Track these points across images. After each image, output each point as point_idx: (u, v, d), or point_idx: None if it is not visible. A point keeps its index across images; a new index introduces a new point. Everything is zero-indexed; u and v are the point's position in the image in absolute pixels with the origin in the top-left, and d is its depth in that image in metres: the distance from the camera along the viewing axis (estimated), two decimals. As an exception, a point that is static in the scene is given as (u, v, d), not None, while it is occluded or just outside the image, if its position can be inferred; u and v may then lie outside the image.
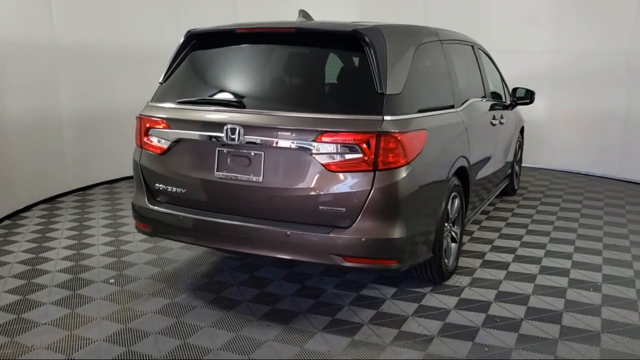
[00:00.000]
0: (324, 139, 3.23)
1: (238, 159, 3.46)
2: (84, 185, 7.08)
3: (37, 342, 3.29)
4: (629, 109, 7.39)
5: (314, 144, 3.24)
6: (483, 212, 5.93)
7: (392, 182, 3.21)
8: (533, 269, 4.43)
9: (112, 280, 4.16)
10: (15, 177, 5.91)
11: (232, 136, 3.39)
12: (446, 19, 7.03)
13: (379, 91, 3.28)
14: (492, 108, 5.25)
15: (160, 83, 3.92)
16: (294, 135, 3.29)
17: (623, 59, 7.31)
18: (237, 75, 3.76)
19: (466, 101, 4.50)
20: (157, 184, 3.76)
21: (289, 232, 3.31)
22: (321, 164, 3.25)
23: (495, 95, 5.56)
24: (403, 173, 3.24)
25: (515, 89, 6.20)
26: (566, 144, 8.18)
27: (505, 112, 5.72)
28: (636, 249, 4.91)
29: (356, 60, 3.47)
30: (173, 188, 3.69)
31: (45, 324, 3.51)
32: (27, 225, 5.53)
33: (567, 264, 4.55)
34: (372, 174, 3.20)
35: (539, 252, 4.81)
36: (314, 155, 3.25)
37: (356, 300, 3.86)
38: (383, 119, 3.21)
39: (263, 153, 3.38)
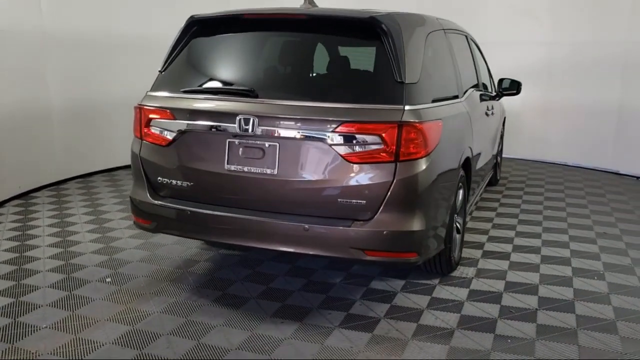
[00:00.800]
0: (343, 129, 3.12)
1: (250, 150, 3.31)
2: (78, 174, 6.96)
3: (40, 347, 3.08)
4: (623, 101, 7.43)
5: (333, 134, 3.13)
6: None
7: (414, 173, 3.13)
8: (534, 258, 4.46)
9: (108, 279, 3.96)
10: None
11: (246, 127, 3.24)
12: (440, 9, 6.99)
13: (398, 80, 3.20)
14: (482, 99, 5.24)
15: (159, 71, 3.73)
16: (312, 125, 3.17)
17: (618, 52, 7.34)
18: (247, 64, 3.60)
19: (466, 91, 4.48)
20: (160, 178, 3.58)
21: (306, 226, 3.20)
22: (340, 155, 3.14)
23: (483, 86, 5.57)
24: (423, 164, 3.17)
25: (501, 80, 6.22)
26: (560, 136, 8.22)
27: (493, 103, 5.73)
28: (627, 237, 5.01)
29: (372, 48, 3.36)
30: (178, 181, 3.51)
31: (46, 327, 3.30)
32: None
33: (565, 252, 4.59)
34: (393, 165, 3.12)
35: (536, 242, 4.84)
36: (333, 146, 3.15)
37: (367, 294, 3.79)
38: (404, 109, 3.13)
39: (278, 144, 3.25)
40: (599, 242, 4.85)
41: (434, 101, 3.52)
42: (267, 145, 3.27)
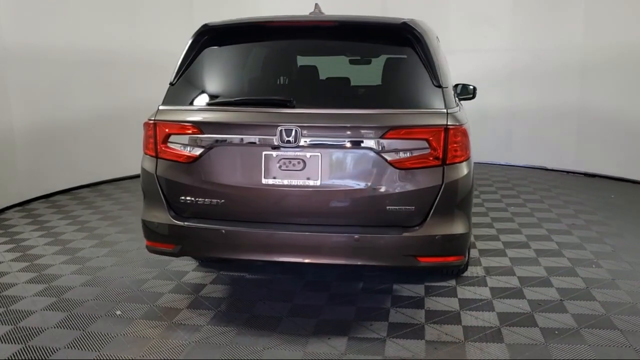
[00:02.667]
0: (391, 135, 3.08)
1: (290, 162, 3.18)
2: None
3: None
4: (583, 104, 7.81)
5: (381, 140, 3.09)
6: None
7: (460, 176, 3.16)
8: (529, 252, 4.66)
9: (118, 312, 3.61)
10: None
11: (288, 138, 3.11)
12: (405, 14, 7.11)
13: (436, 85, 3.22)
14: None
15: (170, 84, 3.48)
16: (358, 133, 3.11)
17: (576, 56, 7.75)
18: (273, 73, 3.46)
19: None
20: (183, 197, 3.33)
21: (357, 236, 3.12)
22: (388, 162, 3.10)
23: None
24: (465, 167, 3.21)
25: (456, 85, 6.45)
26: (523, 139, 8.50)
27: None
28: (595, 226, 5.38)
29: (403, 53, 3.35)
30: (207, 199, 3.29)
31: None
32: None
33: (552, 245, 4.85)
34: (441, 169, 3.13)
35: (520, 237, 5.06)
36: (380, 153, 3.10)
37: (395, 301, 3.76)
38: (447, 112, 3.15)
39: (320, 154, 3.14)
40: (575, 233, 5.16)
41: (456, 105, 3.58)
42: (308, 155, 3.16)
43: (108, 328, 3.40)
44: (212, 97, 3.39)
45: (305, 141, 3.12)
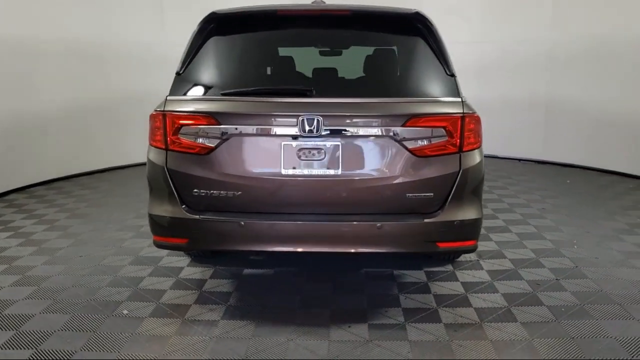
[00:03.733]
0: (412, 123, 3.13)
1: (309, 152, 3.16)
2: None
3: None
4: (550, 95, 8.12)
5: (402, 129, 3.13)
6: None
7: (475, 162, 3.25)
8: (511, 236, 4.86)
9: (125, 311, 3.48)
10: None
11: (310, 127, 3.09)
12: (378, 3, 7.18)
13: (449, 74, 3.29)
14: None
15: (177, 73, 3.37)
16: (380, 121, 3.13)
17: (544, 48, 8.03)
18: (287, 62, 3.41)
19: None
20: (197, 189, 3.24)
21: (379, 224, 3.15)
22: (408, 150, 3.15)
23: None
24: (479, 154, 3.30)
25: None
26: (493, 131, 8.77)
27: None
28: (564, 209, 5.68)
29: (414, 43, 3.38)
30: (222, 192, 3.21)
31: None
32: None
33: (530, 228, 5.08)
34: (458, 155, 3.20)
35: (498, 222, 5.27)
36: (401, 141, 3.14)
37: (402, 287, 3.83)
38: (462, 101, 3.23)
39: (340, 143, 3.15)
40: (548, 217, 5.43)
41: (460, 94, 3.66)
42: (328, 145, 3.15)
43: (120, 328, 3.26)
44: (224, 86, 3.30)
45: (326, 130, 3.11)
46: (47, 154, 7.13)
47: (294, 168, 3.16)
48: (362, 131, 3.14)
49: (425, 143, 3.16)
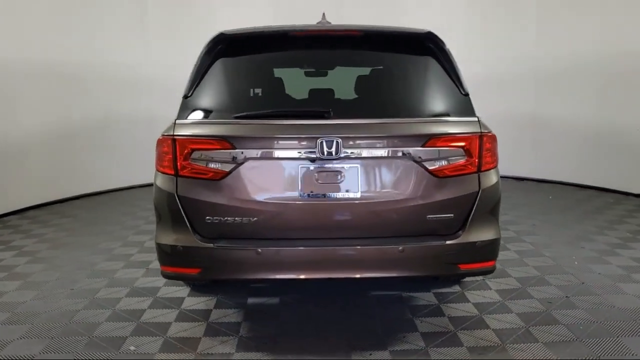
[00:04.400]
0: (432, 143, 3.08)
1: (327, 175, 3.07)
2: None
3: None
4: (537, 112, 8.21)
5: (422, 149, 3.08)
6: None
7: (493, 182, 3.22)
8: (511, 254, 4.89)
9: (132, 347, 3.28)
10: None
11: (329, 150, 3.00)
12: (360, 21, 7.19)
13: (463, 93, 3.27)
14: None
15: (185, 97, 3.24)
16: (400, 142, 3.07)
17: (529, 65, 8.12)
18: (300, 83, 3.33)
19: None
20: (210, 216, 3.10)
21: (401, 248, 3.07)
22: (428, 170, 3.10)
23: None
24: (496, 173, 3.28)
25: None
26: None
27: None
28: (555, 225, 5.74)
29: (428, 62, 3.35)
30: (238, 218, 3.09)
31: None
32: None
33: (527, 245, 5.12)
34: (477, 175, 3.17)
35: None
36: (420, 162, 3.08)
37: (414, 311, 3.75)
38: (479, 120, 3.21)
39: (359, 165, 3.07)
40: (540, 233, 5.47)
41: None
42: (346, 167, 3.07)
43: (130, 366, 3.08)
44: (235, 109, 3.18)
45: (345, 152, 3.03)
46: (24, 180, 6.82)
47: (311, 192, 3.07)
48: (381, 152, 3.07)
49: (445, 163, 3.12)
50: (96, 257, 4.96)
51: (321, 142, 3.00)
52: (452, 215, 3.15)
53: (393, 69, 3.38)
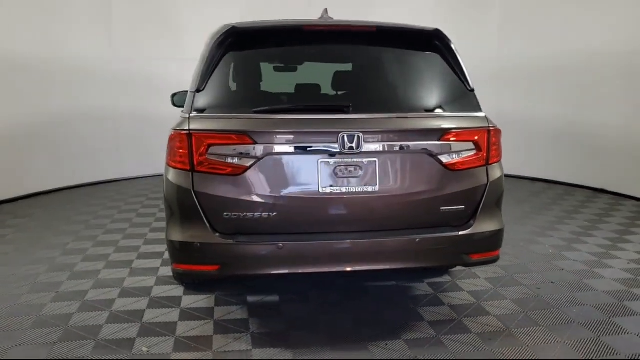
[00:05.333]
0: (446, 137, 3.19)
1: (346, 169, 3.11)
2: None
3: None
4: (498, 111, 8.42)
5: (437, 143, 3.18)
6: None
7: (499, 175, 3.37)
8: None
9: (145, 349, 3.18)
10: None
11: (350, 144, 3.04)
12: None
13: (469, 89, 3.40)
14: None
15: (197, 90, 3.17)
16: (417, 136, 3.16)
17: (490, 66, 8.33)
18: (314, 78, 3.33)
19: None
20: (228, 212, 3.06)
21: (417, 239, 3.16)
22: (442, 164, 3.20)
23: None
24: (501, 166, 3.42)
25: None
26: None
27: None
28: (516, 215, 6.02)
29: (437, 59, 3.43)
30: (258, 213, 3.07)
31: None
32: None
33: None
34: (485, 168, 3.31)
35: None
36: (436, 156, 3.18)
37: (415, 301, 3.86)
38: (485, 115, 3.35)
39: (377, 160, 3.13)
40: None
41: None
42: (365, 161, 3.12)
43: (149, 368, 2.99)
44: (252, 103, 3.16)
45: (364, 147, 3.08)
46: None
47: (331, 186, 3.09)
48: (398, 147, 3.14)
49: (458, 157, 3.23)
50: (71, 258, 4.74)
51: (342, 137, 3.03)
52: (463, 207, 3.26)
53: (405, 65, 3.46)
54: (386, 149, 3.12)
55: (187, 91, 6.17)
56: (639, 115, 6.78)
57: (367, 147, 3.08)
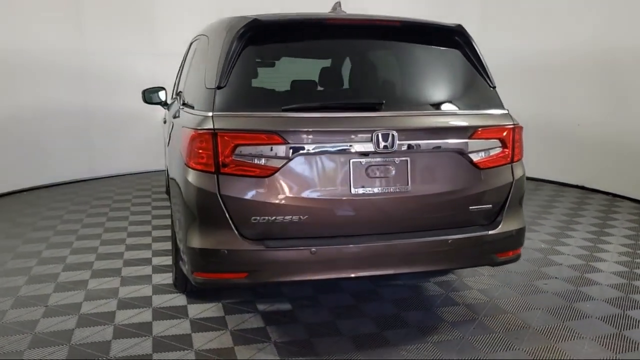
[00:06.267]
0: (477, 135, 3.13)
1: (378, 169, 2.99)
2: None
3: None
4: None
5: (467, 141, 3.11)
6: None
7: (522, 173, 3.34)
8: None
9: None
10: None
11: (385, 143, 2.92)
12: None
13: (492, 86, 3.36)
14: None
15: (217, 87, 2.96)
16: (448, 134, 3.08)
17: None
18: (341, 73, 3.18)
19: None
20: (256, 216, 2.87)
21: (450, 240, 3.09)
22: (472, 162, 3.14)
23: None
24: (522, 164, 3.40)
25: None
26: None
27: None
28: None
29: (456, 55, 3.36)
30: (287, 217, 2.90)
31: None
32: None
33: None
34: (510, 166, 3.27)
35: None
36: (467, 154, 3.12)
37: (429, 301, 3.81)
38: (509, 112, 3.32)
39: (408, 159, 3.03)
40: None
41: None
42: (397, 161, 3.01)
43: (176, 386, 2.77)
44: (280, 100, 2.99)
45: (399, 146, 2.97)
46: None
47: (363, 187, 2.97)
48: (430, 145, 3.06)
49: (486, 155, 3.18)
50: (50, 267, 4.39)
51: (377, 135, 2.91)
52: (490, 205, 3.22)
53: (429, 61, 3.38)
54: (418, 148, 3.02)
55: (159, 87, 5.94)
56: (608, 111, 6.95)
57: (400, 145, 2.97)
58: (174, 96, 5.35)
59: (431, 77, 3.35)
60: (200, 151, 2.85)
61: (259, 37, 3.06)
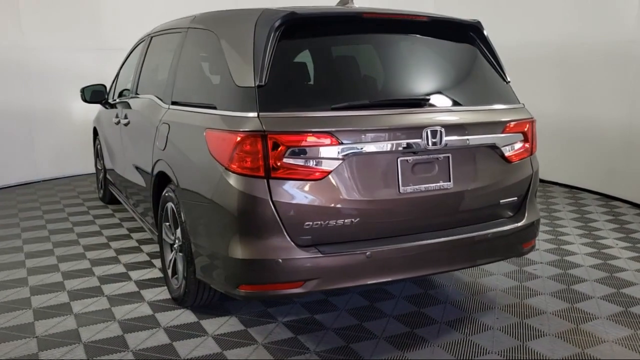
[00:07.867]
0: (507, 129, 3.21)
1: (423, 166, 2.96)
2: None
3: None
4: None
5: (500, 136, 3.18)
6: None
7: (538, 165, 3.47)
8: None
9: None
10: None
11: (434, 140, 2.90)
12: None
13: (507, 81, 3.45)
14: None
15: (258, 85, 2.75)
16: (485, 129, 3.12)
17: None
18: (381, 69, 3.08)
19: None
20: (309, 222, 2.73)
21: (489, 234, 3.13)
22: (503, 156, 3.21)
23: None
24: (536, 156, 3.52)
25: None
26: None
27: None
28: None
29: (479, 51, 3.37)
30: (339, 220, 2.77)
31: None
32: None
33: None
34: (529, 159, 3.39)
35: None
36: (499, 148, 3.19)
37: (443, 295, 3.83)
38: (524, 106, 3.43)
39: (450, 155, 3.03)
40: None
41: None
42: (440, 157, 3.00)
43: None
44: (327, 98, 2.84)
45: (445, 142, 2.96)
46: None
47: (410, 185, 2.92)
48: (469, 141, 3.08)
49: (513, 149, 3.26)
50: (32, 278, 3.87)
51: (427, 132, 2.88)
52: (516, 198, 3.31)
53: (455, 57, 3.40)
54: (458, 144, 3.03)
55: (100, 84, 5.49)
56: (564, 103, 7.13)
57: (446, 142, 2.96)
58: (122, 94, 4.98)
59: (457, 72, 3.39)
60: (247, 155, 2.65)
61: (296, 31, 2.90)
